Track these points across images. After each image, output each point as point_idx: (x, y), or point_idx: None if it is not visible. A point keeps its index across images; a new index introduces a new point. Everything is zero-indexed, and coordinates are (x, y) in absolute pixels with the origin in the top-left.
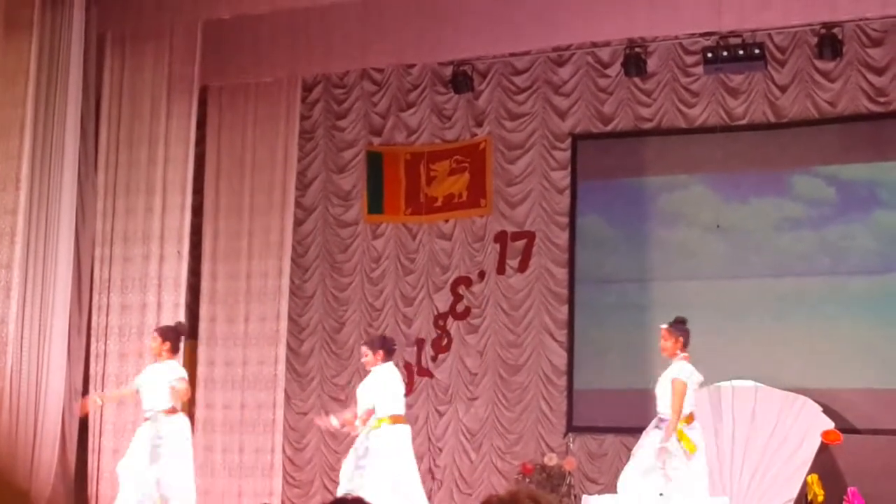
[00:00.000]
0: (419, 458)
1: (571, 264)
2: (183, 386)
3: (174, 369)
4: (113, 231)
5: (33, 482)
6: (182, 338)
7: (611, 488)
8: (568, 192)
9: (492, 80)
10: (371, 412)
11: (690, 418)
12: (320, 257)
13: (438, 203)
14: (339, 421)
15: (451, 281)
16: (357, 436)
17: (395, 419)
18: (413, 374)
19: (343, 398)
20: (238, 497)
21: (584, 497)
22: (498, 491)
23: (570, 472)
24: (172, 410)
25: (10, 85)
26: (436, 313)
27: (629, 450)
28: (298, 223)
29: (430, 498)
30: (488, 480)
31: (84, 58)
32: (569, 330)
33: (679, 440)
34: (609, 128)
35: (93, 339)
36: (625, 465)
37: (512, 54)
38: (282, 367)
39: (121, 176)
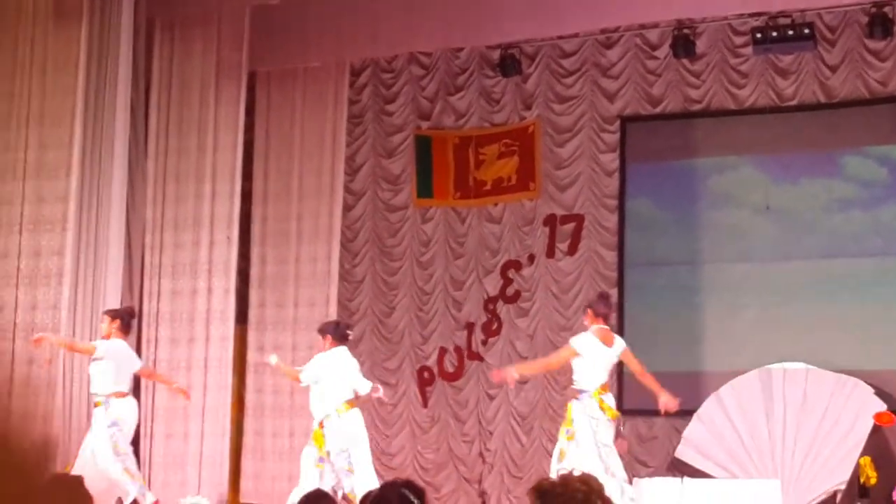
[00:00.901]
0: (470, 442)
1: (621, 247)
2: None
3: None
4: (163, 217)
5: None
6: (133, 319)
7: (661, 471)
8: (617, 175)
9: (540, 63)
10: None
11: (605, 388)
12: (370, 242)
13: (487, 186)
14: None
15: (500, 264)
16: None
17: (348, 405)
18: (463, 358)
19: (394, 382)
20: (288, 481)
21: (635, 480)
22: (548, 474)
23: (621, 455)
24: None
25: (61, 74)
26: (486, 297)
27: (680, 432)
28: (348, 208)
29: (480, 482)
30: (538, 464)
31: (133, 45)
32: (618, 313)
33: (599, 406)
34: (658, 110)
35: (144, 325)
36: (675, 447)
37: (560, 37)
38: None
39: (170, 163)
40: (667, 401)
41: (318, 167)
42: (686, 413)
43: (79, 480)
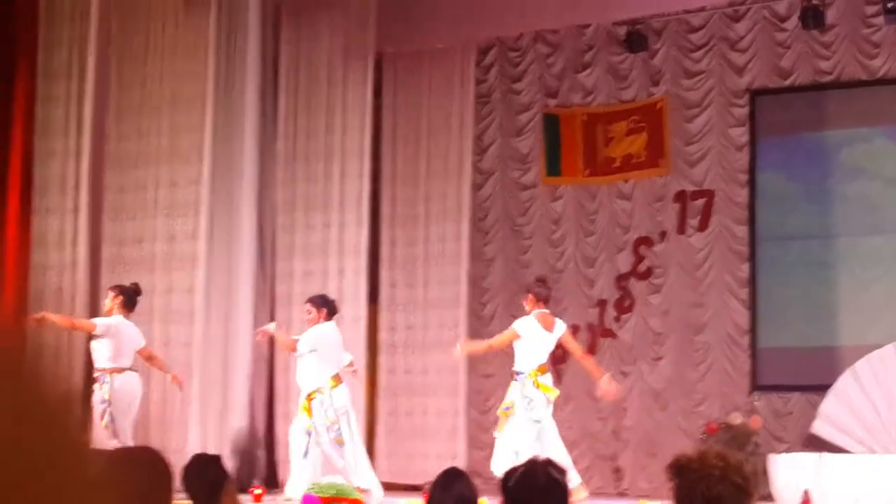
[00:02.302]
0: (604, 419)
1: (752, 222)
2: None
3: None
4: (294, 199)
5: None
6: (137, 297)
7: (797, 447)
8: (747, 149)
9: (667, 39)
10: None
11: (543, 369)
12: (500, 221)
13: (617, 164)
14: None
15: (632, 241)
16: None
17: (336, 380)
18: (596, 336)
19: None
20: (423, 459)
21: (771, 456)
22: (683, 450)
23: (755, 431)
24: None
25: (191, 59)
26: (617, 274)
27: (815, 407)
28: (477, 187)
29: (615, 459)
30: (673, 440)
31: (261, 29)
32: (751, 288)
33: (536, 387)
34: (788, 82)
35: (277, 307)
36: (811, 423)
37: (686, 11)
38: (463, 330)
39: (300, 144)
40: (606, 387)
41: (446, 147)
42: (821, 388)
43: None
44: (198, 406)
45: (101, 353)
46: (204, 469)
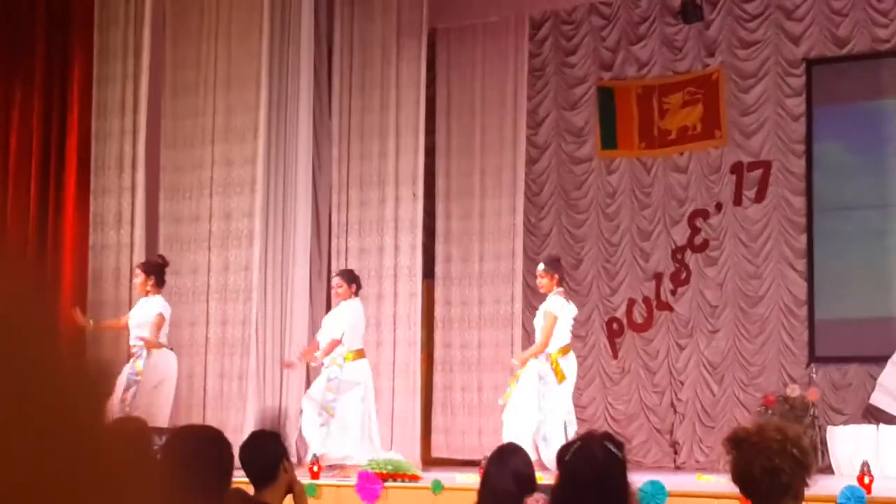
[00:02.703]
0: (661, 392)
1: (809, 192)
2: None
3: (157, 304)
4: (349, 176)
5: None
6: (165, 271)
7: (856, 419)
8: (804, 119)
9: (722, 9)
10: (336, 342)
11: (566, 349)
12: (555, 195)
13: (672, 136)
14: (300, 358)
15: (687, 214)
16: (320, 365)
17: (359, 354)
18: (652, 309)
19: (583, 334)
20: (478, 435)
21: (829, 428)
22: (740, 423)
23: (813, 403)
24: (155, 345)
25: (245, 38)
26: (673, 247)
27: (874, 379)
28: (532, 161)
29: (671, 432)
30: (730, 413)
31: (315, 7)
32: (808, 259)
33: (552, 367)
34: (844, 51)
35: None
36: (870, 394)
37: None
38: (518, 305)
39: (354, 121)
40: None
41: (499, 121)
42: (880, 359)
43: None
44: (255, 384)
45: (141, 328)
46: (262, 446)
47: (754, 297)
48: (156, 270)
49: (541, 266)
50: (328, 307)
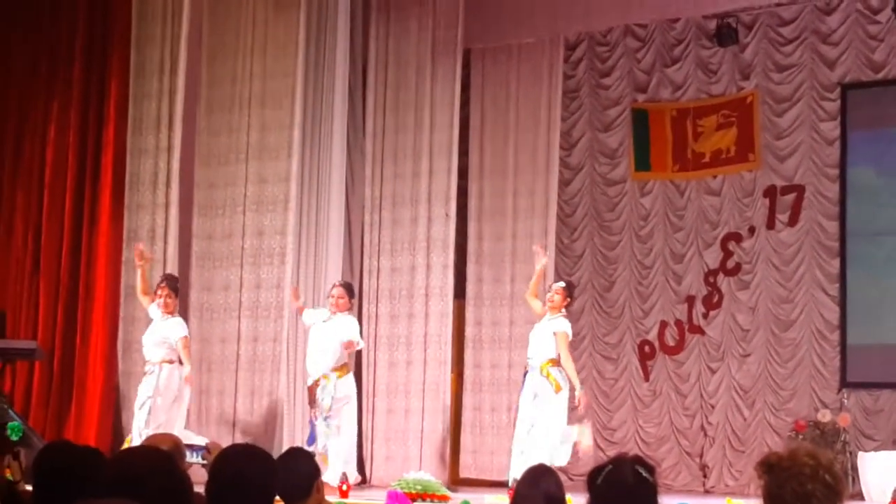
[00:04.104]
0: (692, 416)
1: (843, 217)
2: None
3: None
4: (381, 196)
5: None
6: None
7: (887, 445)
8: (838, 144)
9: (757, 32)
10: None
11: (556, 362)
12: (588, 216)
13: (706, 159)
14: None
15: (720, 237)
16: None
17: (346, 369)
18: (684, 332)
19: (615, 357)
20: (508, 455)
21: (860, 454)
22: (771, 448)
23: (844, 429)
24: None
25: (281, 56)
26: (706, 270)
27: None
28: (565, 183)
29: (701, 455)
30: (761, 437)
31: (350, 26)
32: (841, 284)
33: (546, 378)
34: (880, 76)
35: (364, 302)
36: None
37: (778, 4)
38: None
39: (388, 141)
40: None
41: (533, 142)
42: None
43: None
44: (286, 401)
45: (158, 347)
46: (296, 464)
47: (786, 321)
48: (177, 289)
49: (561, 284)
50: (359, 324)
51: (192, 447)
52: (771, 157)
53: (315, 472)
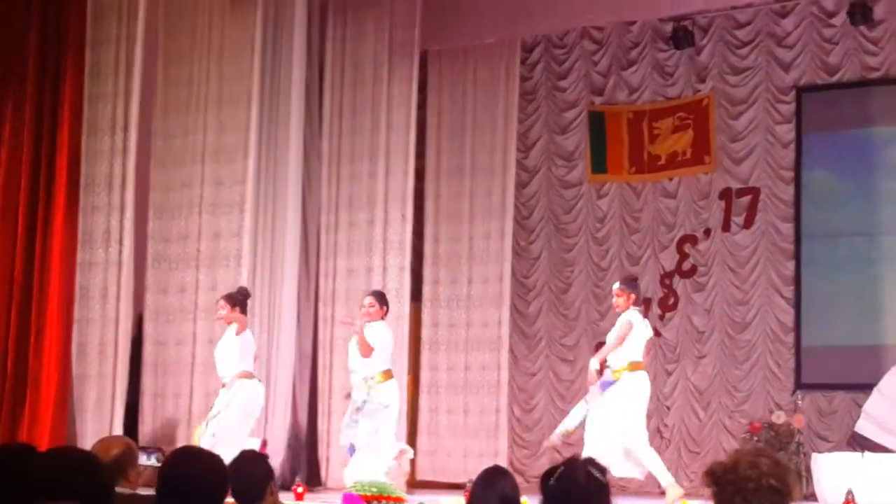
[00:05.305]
0: (647, 417)
1: (797, 219)
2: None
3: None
4: (338, 197)
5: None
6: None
7: (841, 446)
8: (793, 146)
9: (713, 35)
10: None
11: (635, 366)
12: (545, 218)
13: (662, 161)
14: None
15: (676, 239)
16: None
17: (388, 374)
18: None
19: (571, 358)
20: (463, 458)
21: (814, 455)
22: (726, 449)
23: (798, 430)
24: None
25: (237, 57)
26: (662, 272)
27: (860, 406)
28: (522, 185)
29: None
30: (716, 439)
31: (307, 27)
32: (796, 286)
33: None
34: (835, 79)
35: (321, 304)
36: (855, 422)
37: (733, 7)
38: (505, 328)
39: (345, 142)
40: None
41: (490, 144)
42: (866, 387)
43: None
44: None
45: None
46: (250, 467)
47: (742, 323)
48: (242, 302)
49: (616, 285)
50: (315, 327)
51: (146, 449)
52: (726, 160)
53: (269, 474)
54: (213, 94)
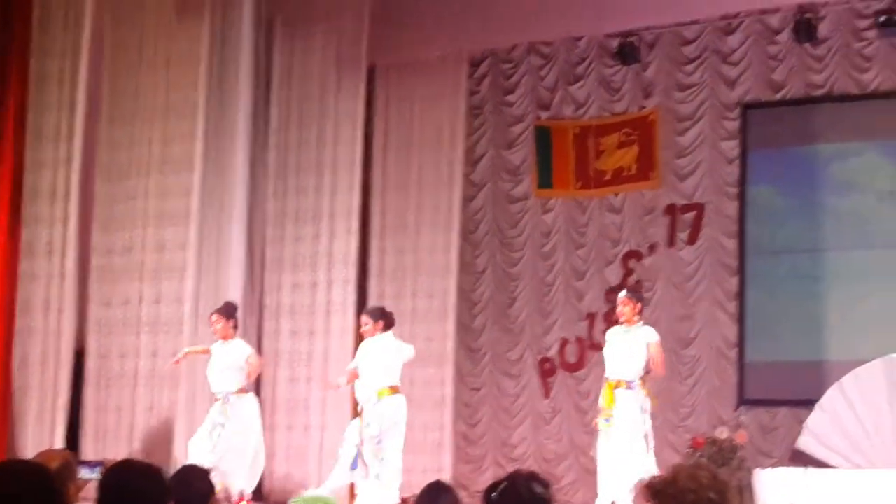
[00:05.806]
0: (591, 432)
1: (742, 235)
2: (255, 361)
3: (242, 348)
4: (284, 210)
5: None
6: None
7: (784, 462)
8: (738, 163)
9: (659, 51)
10: (354, 373)
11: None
12: (491, 233)
13: (608, 177)
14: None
15: (621, 254)
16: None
17: (393, 390)
18: (585, 349)
19: (516, 373)
20: (408, 473)
21: (757, 471)
22: (670, 464)
23: (741, 446)
24: (243, 390)
25: (184, 69)
26: (607, 287)
27: (802, 422)
28: (468, 199)
29: None
30: (660, 454)
31: (254, 40)
32: (740, 302)
33: (647, 396)
34: (779, 96)
35: (266, 318)
36: (797, 438)
37: (679, 24)
38: (451, 343)
39: (291, 156)
40: None
41: (437, 159)
42: (809, 403)
43: None
44: (185, 419)
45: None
46: (191, 480)
47: (686, 338)
48: (234, 313)
49: (623, 293)
50: (259, 341)
51: (87, 463)
52: (672, 176)
53: (210, 489)
54: (159, 105)
